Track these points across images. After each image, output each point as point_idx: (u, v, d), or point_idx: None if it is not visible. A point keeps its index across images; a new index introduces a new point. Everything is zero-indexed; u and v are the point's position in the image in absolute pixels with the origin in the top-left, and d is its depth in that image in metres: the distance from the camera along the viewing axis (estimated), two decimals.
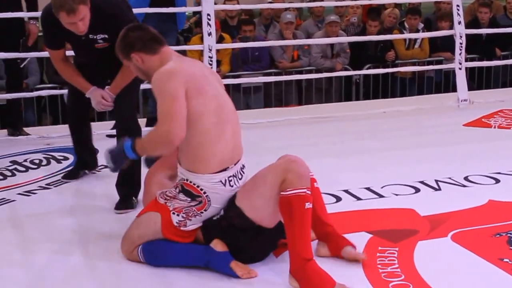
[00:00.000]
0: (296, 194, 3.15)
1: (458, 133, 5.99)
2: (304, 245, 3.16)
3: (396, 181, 4.62)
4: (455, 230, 3.79)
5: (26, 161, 5.34)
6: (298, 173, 3.19)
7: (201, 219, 3.38)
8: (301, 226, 3.15)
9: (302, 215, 3.15)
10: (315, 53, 8.44)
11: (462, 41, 6.80)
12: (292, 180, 3.16)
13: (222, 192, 3.33)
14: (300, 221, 3.15)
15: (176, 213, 3.35)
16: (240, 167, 3.40)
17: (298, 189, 3.15)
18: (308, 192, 3.18)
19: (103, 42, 4.25)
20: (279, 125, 6.26)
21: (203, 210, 3.34)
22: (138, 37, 3.41)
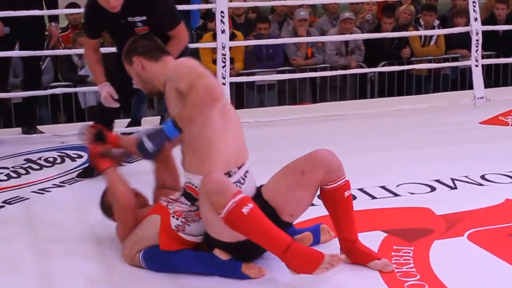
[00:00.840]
0: (228, 212, 3.05)
1: (474, 131, 5.94)
2: (271, 242, 3.11)
3: (412, 179, 4.58)
4: (472, 230, 3.76)
5: (41, 159, 5.35)
6: (216, 192, 3.07)
7: (200, 226, 3.32)
8: (254, 230, 3.09)
9: (246, 223, 3.07)
10: (330, 50, 8.40)
11: (478, 38, 6.74)
12: (217, 202, 3.07)
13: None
14: (249, 228, 3.09)
15: (175, 216, 3.32)
16: (243, 172, 3.35)
17: (226, 207, 3.05)
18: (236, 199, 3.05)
19: (143, 26, 4.30)
20: (293, 123, 6.23)
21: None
22: (142, 44, 3.46)
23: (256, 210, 3.09)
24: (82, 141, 3.71)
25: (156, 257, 3.36)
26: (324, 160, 3.31)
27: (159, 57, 3.41)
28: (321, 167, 3.28)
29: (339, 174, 3.31)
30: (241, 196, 3.08)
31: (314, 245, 3.53)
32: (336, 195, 3.31)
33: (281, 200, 3.31)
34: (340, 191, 3.31)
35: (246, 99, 8.17)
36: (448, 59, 8.64)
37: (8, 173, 5.05)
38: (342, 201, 3.33)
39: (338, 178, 3.30)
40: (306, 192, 3.30)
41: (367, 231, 3.73)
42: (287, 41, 7.88)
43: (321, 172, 3.27)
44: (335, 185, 3.30)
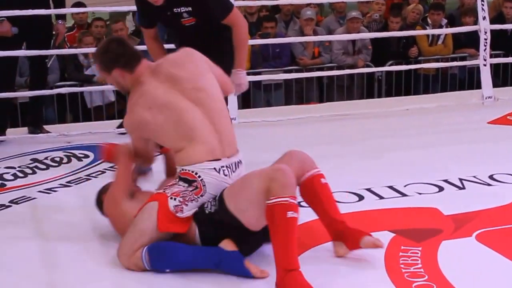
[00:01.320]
0: (277, 203, 3.14)
1: (482, 131, 5.92)
2: (286, 255, 3.13)
3: (420, 179, 4.56)
4: (480, 230, 3.73)
5: (47, 159, 5.35)
6: (282, 182, 3.18)
7: (196, 205, 3.39)
8: (283, 235, 3.13)
9: (284, 224, 3.13)
10: (337, 49, 8.39)
11: (486, 36, 6.72)
12: (275, 189, 3.16)
13: (216, 178, 3.37)
14: (282, 230, 3.13)
15: (173, 197, 3.37)
16: (235, 161, 3.46)
17: (279, 198, 3.14)
18: (292, 201, 3.15)
19: (189, 17, 4.29)
20: (300, 122, 6.22)
21: (200, 196, 3.38)
22: (121, 53, 3.52)
23: (296, 221, 3.15)
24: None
25: (161, 252, 3.34)
26: (298, 154, 3.51)
27: (134, 69, 3.52)
28: (295, 159, 3.46)
29: (312, 165, 3.48)
30: (295, 202, 3.17)
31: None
32: (314, 182, 3.44)
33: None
34: (316, 178, 3.45)
35: (252, 98, 8.17)
36: (456, 58, 8.61)
37: (15, 172, 5.04)
38: (321, 187, 3.45)
39: (312, 168, 3.47)
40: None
41: (374, 231, 3.67)
42: (294, 40, 7.86)
43: (295, 163, 3.42)
44: (310, 173, 3.44)
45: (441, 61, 8.43)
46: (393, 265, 3.34)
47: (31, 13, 5.59)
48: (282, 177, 3.18)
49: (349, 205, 4.15)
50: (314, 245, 3.59)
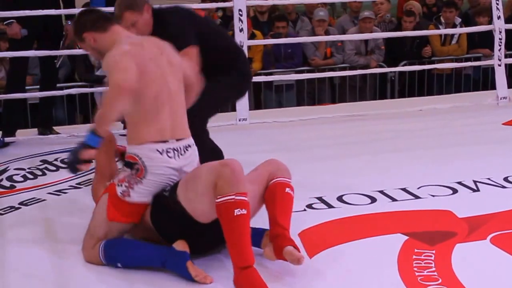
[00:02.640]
0: (223, 202, 3.16)
1: (497, 132, 5.87)
2: (239, 252, 3.15)
3: (433, 181, 4.52)
4: (495, 233, 3.70)
5: (57, 160, 5.34)
6: (228, 179, 3.19)
7: (143, 189, 3.41)
8: (233, 233, 3.15)
9: (231, 222, 3.15)
10: (349, 50, 8.34)
11: (501, 36, 6.66)
12: (222, 186, 3.19)
13: (159, 160, 3.40)
14: (230, 228, 3.16)
15: (119, 184, 3.44)
16: (183, 145, 3.49)
17: (226, 196, 3.16)
18: (238, 198, 3.15)
19: None
20: (312, 123, 6.20)
21: (142, 177, 3.41)
22: (88, 19, 3.58)
23: (245, 218, 3.16)
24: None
25: (114, 247, 3.43)
26: (276, 162, 3.55)
27: (107, 28, 3.53)
28: (272, 165, 3.51)
29: (285, 174, 3.49)
30: (243, 198, 3.16)
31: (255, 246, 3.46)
32: (277, 188, 3.43)
33: None
34: (282, 185, 3.44)
35: (264, 99, 8.14)
36: (470, 58, 8.54)
37: (25, 174, 5.04)
38: (281, 194, 3.43)
39: (283, 176, 3.47)
40: (255, 185, 3.43)
41: (387, 233, 3.70)
42: (306, 40, 7.82)
43: (270, 168, 3.49)
44: (278, 180, 3.45)
45: (455, 61, 8.36)
46: (407, 268, 3.32)
47: (40, 14, 5.59)
48: (229, 174, 3.19)
49: (362, 207, 4.14)
50: (326, 248, 3.57)
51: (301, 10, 9.33)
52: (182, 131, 3.51)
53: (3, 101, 6.11)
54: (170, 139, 3.43)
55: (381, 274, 3.28)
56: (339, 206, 4.18)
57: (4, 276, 3.41)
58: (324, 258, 3.43)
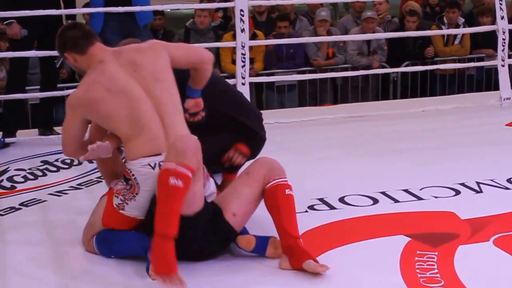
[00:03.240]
0: (164, 168, 3.21)
1: (500, 133, 5.84)
2: (162, 220, 3.15)
3: (435, 183, 4.51)
4: (498, 235, 3.68)
5: (58, 161, 5.33)
6: (176, 149, 3.21)
7: (136, 205, 3.43)
8: (162, 199, 3.16)
9: (164, 190, 3.17)
10: (351, 50, 8.32)
11: (505, 36, 6.62)
12: (169, 154, 3.23)
13: (150, 175, 3.36)
14: (162, 194, 3.18)
15: (116, 195, 3.48)
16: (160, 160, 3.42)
17: (168, 162, 3.20)
18: (180, 168, 3.14)
19: None
20: (313, 124, 6.17)
21: (135, 194, 3.42)
22: (70, 36, 3.57)
23: (178, 190, 3.14)
24: None
25: (104, 241, 3.52)
26: (267, 161, 3.55)
27: (85, 50, 3.53)
28: (264, 166, 3.51)
29: (280, 173, 3.49)
30: (185, 171, 3.15)
31: (259, 255, 3.49)
32: (277, 192, 3.44)
33: (225, 199, 3.50)
34: (281, 188, 3.45)
35: (265, 99, 8.11)
36: (473, 59, 8.51)
37: (25, 175, 5.03)
38: (282, 198, 3.44)
39: (279, 176, 3.48)
40: (248, 189, 3.48)
41: (389, 235, 3.70)
42: (308, 40, 7.79)
43: (263, 170, 3.49)
44: (275, 181, 3.45)
45: (458, 62, 8.34)
46: (409, 270, 3.31)
47: (41, 14, 5.57)
48: (178, 144, 3.21)
49: (364, 209, 4.13)
50: (327, 249, 3.55)
51: (299, 10, 9.31)
52: (160, 143, 3.43)
53: (3, 102, 6.09)
54: (165, 152, 3.35)
55: (383, 276, 3.27)
56: (341, 207, 4.17)
57: (4, 277, 3.40)
58: (326, 259, 3.39)
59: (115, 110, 3.42)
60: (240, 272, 3.37)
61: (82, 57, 3.53)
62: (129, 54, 3.54)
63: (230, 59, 7.48)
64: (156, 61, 3.53)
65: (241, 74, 6.04)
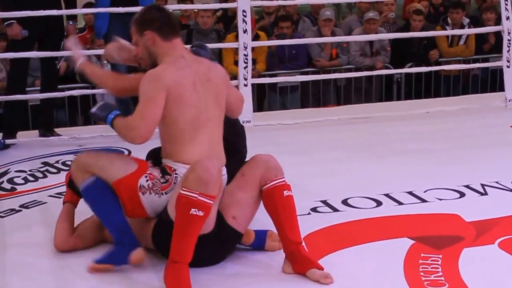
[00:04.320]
0: (185, 196, 3.14)
1: (505, 135, 5.82)
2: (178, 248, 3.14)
3: (440, 185, 4.48)
4: (503, 237, 3.66)
5: (58, 162, 5.31)
6: (199, 175, 3.14)
7: (156, 202, 3.36)
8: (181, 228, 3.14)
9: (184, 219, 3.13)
10: (354, 51, 8.28)
11: (510, 37, 6.59)
12: (190, 180, 3.16)
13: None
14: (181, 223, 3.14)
15: (147, 177, 3.37)
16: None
17: (190, 192, 3.13)
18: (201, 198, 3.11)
19: None
20: (317, 126, 6.15)
21: (165, 192, 3.36)
22: (158, 17, 3.45)
23: (199, 219, 3.12)
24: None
25: (99, 190, 3.40)
26: (263, 160, 3.40)
27: (170, 37, 3.44)
28: (259, 166, 3.37)
29: (277, 173, 3.36)
30: (206, 200, 3.12)
31: (259, 249, 3.52)
32: (275, 194, 3.33)
33: (225, 203, 3.40)
34: (279, 189, 3.33)
35: (268, 101, 8.08)
36: (478, 59, 8.47)
37: (25, 176, 5.02)
38: (281, 200, 3.34)
39: (276, 177, 3.35)
40: (246, 193, 3.39)
41: (393, 238, 3.68)
42: (311, 41, 7.76)
43: (259, 171, 3.36)
44: (273, 183, 3.33)
45: (463, 63, 8.30)
46: (413, 273, 3.29)
47: (41, 14, 5.55)
48: (201, 171, 3.15)
49: (367, 211, 4.11)
50: (331, 252, 3.54)
51: (302, 11, 9.29)
52: (218, 158, 3.41)
53: (3, 103, 6.07)
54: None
55: (387, 278, 3.26)
56: (344, 209, 4.15)
57: (4, 279, 3.39)
58: (329, 262, 3.39)
59: (188, 104, 3.33)
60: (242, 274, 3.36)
61: (163, 43, 3.41)
62: (204, 65, 3.48)
63: (232, 60, 7.45)
64: (221, 87, 3.49)
65: (243, 75, 6.02)
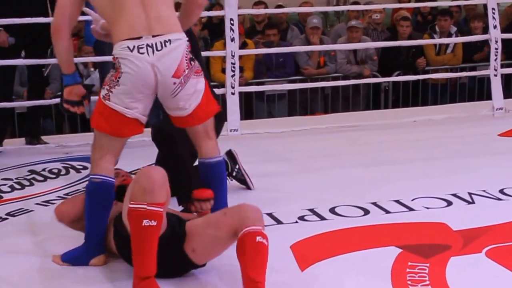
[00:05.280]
0: (134, 209, 3.14)
1: (493, 144, 5.81)
2: (140, 262, 3.14)
3: (427, 193, 4.48)
4: (490, 246, 3.66)
5: (45, 170, 5.28)
6: (142, 185, 3.15)
7: (118, 92, 3.36)
8: (138, 242, 3.14)
9: (138, 232, 3.13)
10: (340, 59, 8.29)
11: (497, 46, 6.61)
12: (136, 192, 3.16)
13: (130, 58, 3.32)
14: (136, 237, 3.15)
15: (103, 87, 3.43)
16: (160, 40, 3.36)
17: (138, 204, 3.13)
18: (150, 208, 3.11)
19: None
20: (304, 134, 6.13)
21: (118, 78, 3.36)
22: None
23: (153, 229, 3.11)
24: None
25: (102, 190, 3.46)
26: (248, 209, 3.28)
27: None
28: (240, 213, 3.26)
29: (255, 221, 3.21)
30: (155, 209, 3.11)
31: None
32: (246, 240, 3.16)
33: (193, 230, 3.33)
34: (252, 236, 3.17)
35: (255, 109, 8.07)
36: (466, 68, 8.49)
37: (12, 184, 4.98)
38: (251, 245, 3.16)
39: (253, 224, 3.19)
40: (217, 231, 3.27)
41: (381, 246, 3.68)
42: (298, 49, 7.76)
43: (238, 217, 3.24)
44: (247, 230, 3.17)
45: (450, 71, 8.31)
46: (400, 282, 3.29)
47: (28, 22, 5.52)
48: (144, 181, 3.15)
49: (355, 220, 4.10)
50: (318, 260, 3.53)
51: (291, 20, 9.31)
52: (161, 27, 3.38)
53: None
54: (146, 35, 3.33)
55: (374, 287, 3.25)
56: (331, 218, 4.14)
57: None
58: (317, 271, 3.39)
59: None
60: None
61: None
62: None
63: (220, 68, 7.44)
64: None
65: (230, 83, 6.00)
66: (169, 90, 3.40)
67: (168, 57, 3.34)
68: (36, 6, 5.66)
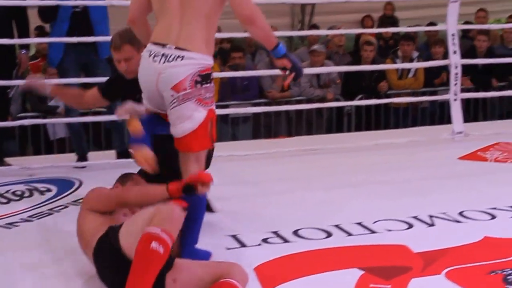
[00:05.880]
0: (147, 232, 3.13)
1: (453, 167, 5.85)
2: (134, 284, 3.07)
3: (389, 216, 4.50)
4: (450, 267, 3.69)
5: (8, 192, 5.23)
6: (164, 215, 3.17)
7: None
8: (139, 263, 3.08)
9: (144, 253, 3.09)
10: (304, 82, 8.34)
11: (457, 71, 6.69)
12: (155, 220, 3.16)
13: (144, 60, 3.58)
14: (140, 257, 3.09)
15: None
16: (175, 54, 3.47)
17: (152, 228, 3.13)
18: (163, 235, 3.09)
19: None
20: (267, 157, 6.13)
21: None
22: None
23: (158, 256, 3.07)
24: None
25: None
26: (239, 268, 3.34)
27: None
28: (232, 267, 3.30)
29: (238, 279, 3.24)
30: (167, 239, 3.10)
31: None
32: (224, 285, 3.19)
33: (182, 262, 3.34)
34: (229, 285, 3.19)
35: (219, 132, 8.05)
36: (427, 92, 8.59)
37: None
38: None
39: (234, 278, 3.22)
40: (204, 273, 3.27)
41: (343, 268, 3.68)
42: (262, 73, 7.79)
43: (228, 268, 3.28)
44: (227, 280, 3.20)
45: (412, 95, 8.41)
46: None
47: None
48: (166, 212, 3.18)
49: (318, 242, 4.10)
50: (282, 282, 3.53)
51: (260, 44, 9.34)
52: (187, 42, 3.47)
53: None
54: (171, 45, 3.48)
55: None
56: (294, 240, 4.14)
57: None
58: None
59: None
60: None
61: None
62: None
63: None
64: None
65: None
66: (167, 101, 3.50)
67: (174, 70, 3.46)
68: (1, 27, 5.64)
